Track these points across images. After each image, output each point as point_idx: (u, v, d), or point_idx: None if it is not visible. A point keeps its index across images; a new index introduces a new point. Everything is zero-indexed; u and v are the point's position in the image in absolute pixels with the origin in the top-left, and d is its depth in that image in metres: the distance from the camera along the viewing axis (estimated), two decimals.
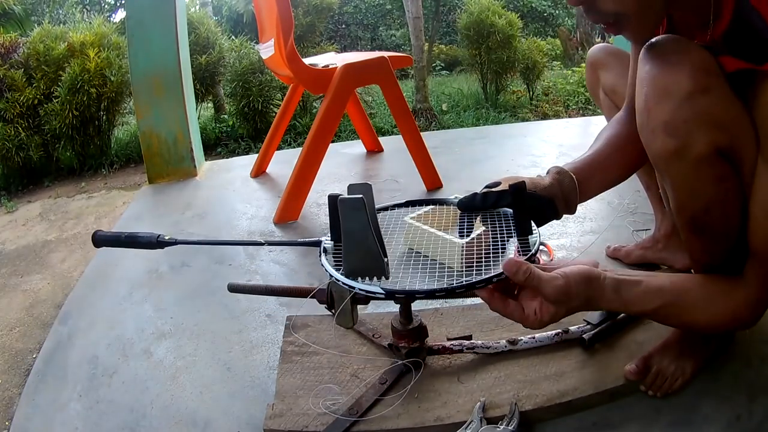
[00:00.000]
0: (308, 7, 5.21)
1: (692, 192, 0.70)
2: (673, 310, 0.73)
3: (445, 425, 0.77)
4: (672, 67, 0.66)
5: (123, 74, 3.46)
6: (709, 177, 0.68)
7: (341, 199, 0.73)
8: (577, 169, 0.89)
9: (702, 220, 0.72)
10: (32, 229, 2.42)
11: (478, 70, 5.12)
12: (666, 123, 0.66)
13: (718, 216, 0.71)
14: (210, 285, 1.34)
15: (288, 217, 1.68)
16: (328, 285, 0.79)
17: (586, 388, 0.81)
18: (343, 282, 0.73)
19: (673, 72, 0.66)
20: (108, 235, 0.89)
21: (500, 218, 0.85)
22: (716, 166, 0.67)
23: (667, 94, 0.66)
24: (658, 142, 0.68)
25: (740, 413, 0.78)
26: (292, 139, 4.25)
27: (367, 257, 0.73)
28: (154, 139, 2.20)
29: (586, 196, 0.92)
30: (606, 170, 0.92)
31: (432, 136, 2.76)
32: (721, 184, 0.68)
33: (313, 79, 1.70)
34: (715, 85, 0.65)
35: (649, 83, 0.68)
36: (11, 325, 1.49)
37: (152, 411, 0.92)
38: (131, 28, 2.12)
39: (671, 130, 0.66)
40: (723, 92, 0.66)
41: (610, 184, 0.95)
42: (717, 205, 0.70)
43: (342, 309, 0.77)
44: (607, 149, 0.92)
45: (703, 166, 0.67)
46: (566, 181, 0.87)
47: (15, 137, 3.29)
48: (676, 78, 0.65)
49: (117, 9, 8.61)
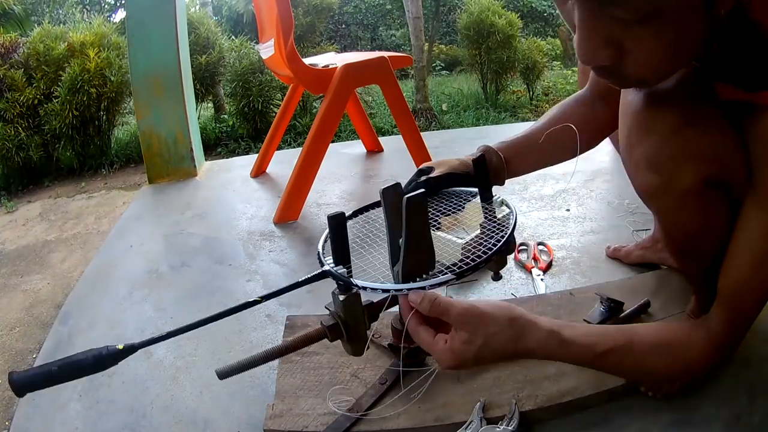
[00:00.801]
0: (308, 7, 5.21)
1: (679, 223, 0.68)
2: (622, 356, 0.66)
3: (445, 425, 0.77)
4: (657, 101, 0.63)
5: (123, 74, 3.46)
6: (697, 208, 0.65)
7: (409, 197, 0.67)
8: (506, 148, 0.90)
9: (690, 248, 0.70)
10: (32, 229, 2.42)
11: (478, 70, 5.12)
12: (649, 159, 0.64)
13: (707, 243, 0.68)
14: (210, 285, 1.34)
15: (288, 217, 1.68)
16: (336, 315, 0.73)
17: (586, 388, 0.81)
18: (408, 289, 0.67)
19: (658, 106, 0.62)
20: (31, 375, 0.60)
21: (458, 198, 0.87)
22: (705, 196, 0.64)
23: (651, 130, 0.63)
24: (640, 178, 0.66)
25: (740, 413, 0.78)
26: (292, 139, 4.25)
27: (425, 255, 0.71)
28: (154, 139, 2.20)
29: (515, 173, 0.91)
30: (537, 150, 0.89)
31: (432, 136, 2.76)
32: (710, 213, 0.65)
33: (313, 79, 1.70)
34: (706, 115, 0.62)
35: (631, 117, 0.65)
36: (11, 325, 1.49)
37: (152, 411, 0.92)
38: (131, 28, 2.12)
39: (655, 166, 0.64)
40: (714, 122, 0.62)
41: (542, 164, 0.93)
42: (706, 233, 0.67)
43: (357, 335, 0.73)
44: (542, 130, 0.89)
45: (690, 198, 0.64)
46: (494, 159, 0.88)
47: (15, 137, 3.28)
48: (661, 112, 0.62)
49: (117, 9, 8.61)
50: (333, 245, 0.74)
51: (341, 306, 0.72)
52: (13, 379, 0.58)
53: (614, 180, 1.78)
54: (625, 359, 0.66)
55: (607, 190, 1.71)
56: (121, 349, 0.65)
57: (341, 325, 0.72)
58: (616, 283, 1.11)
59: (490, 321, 0.63)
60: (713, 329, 0.67)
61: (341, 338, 0.74)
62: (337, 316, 0.73)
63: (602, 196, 1.67)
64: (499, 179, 0.90)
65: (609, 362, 0.66)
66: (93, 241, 2.12)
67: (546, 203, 1.65)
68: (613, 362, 0.66)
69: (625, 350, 0.66)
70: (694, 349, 0.67)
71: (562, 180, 1.79)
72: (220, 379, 0.70)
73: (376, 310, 0.76)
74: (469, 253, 0.74)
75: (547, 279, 1.22)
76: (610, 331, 0.68)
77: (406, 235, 0.68)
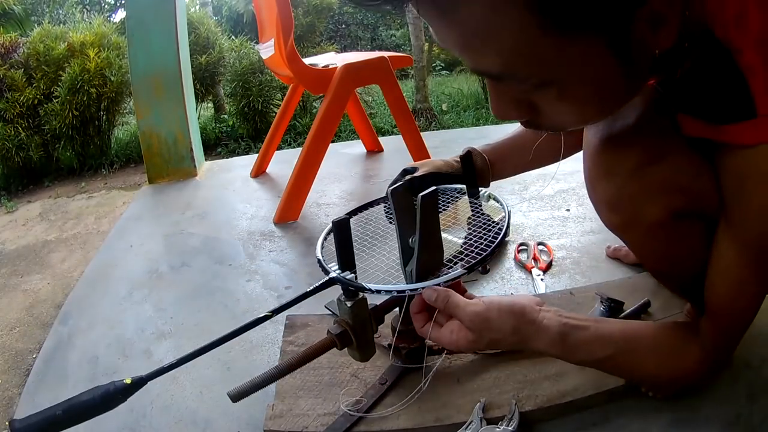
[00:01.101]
0: (308, 7, 5.21)
1: (651, 252, 0.68)
2: (621, 361, 0.69)
3: (445, 426, 0.77)
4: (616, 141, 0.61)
5: (123, 74, 3.47)
6: (667, 238, 0.64)
7: (424, 195, 0.68)
8: (491, 150, 0.91)
9: (667, 272, 0.70)
10: (32, 229, 2.42)
11: None
12: (608, 201, 0.63)
13: (682, 266, 0.68)
14: (210, 285, 1.34)
15: (288, 217, 1.68)
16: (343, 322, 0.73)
17: (586, 388, 0.81)
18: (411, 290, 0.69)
19: (617, 146, 0.61)
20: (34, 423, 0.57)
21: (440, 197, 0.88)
22: (674, 226, 0.63)
23: (610, 173, 0.62)
24: (603, 216, 0.66)
25: (740, 413, 0.78)
26: (292, 139, 4.25)
27: (437, 253, 0.72)
28: (154, 139, 2.20)
29: (500, 175, 0.93)
30: (522, 153, 0.90)
31: (432, 136, 2.76)
32: (682, 240, 0.65)
33: (313, 79, 1.70)
34: (668, 149, 0.60)
35: (590, 158, 0.64)
36: (11, 325, 1.49)
37: (152, 411, 0.92)
38: (131, 28, 2.12)
39: (615, 207, 0.63)
40: (677, 154, 0.60)
41: (528, 166, 0.94)
42: (681, 259, 0.67)
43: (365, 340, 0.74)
44: (527, 133, 0.90)
45: (658, 231, 0.63)
46: (478, 161, 0.89)
47: (15, 137, 3.29)
48: (620, 153, 0.61)
49: (117, 9, 8.61)
50: (338, 251, 0.74)
51: (349, 312, 0.71)
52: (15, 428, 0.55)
53: None
54: (623, 365, 0.71)
55: None
56: (129, 383, 0.63)
57: (350, 332, 0.72)
58: (616, 282, 1.11)
59: (495, 329, 0.66)
60: (704, 342, 0.68)
61: (350, 345, 0.73)
62: (344, 323, 0.73)
63: None
64: (483, 181, 0.91)
65: (607, 366, 0.72)
66: (93, 241, 2.12)
67: (546, 203, 1.65)
68: (611, 366, 0.71)
69: (624, 356, 0.69)
70: (688, 360, 0.69)
71: (562, 180, 1.79)
72: (234, 402, 0.68)
73: (382, 313, 0.76)
74: (471, 248, 0.74)
75: (547, 279, 1.22)
76: (613, 335, 0.69)
77: (420, 234, 0.69)
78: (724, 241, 0.61)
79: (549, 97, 0.48)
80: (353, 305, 0.71)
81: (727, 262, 0.61)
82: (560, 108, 0.49)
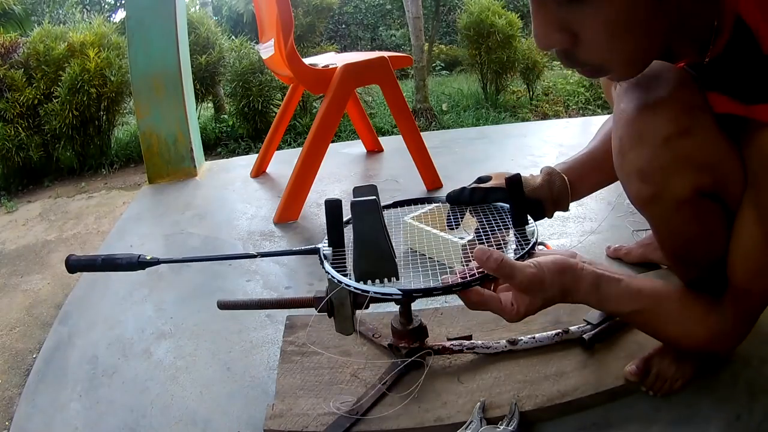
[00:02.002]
0: (308, 7, 5.21)
1: (672, 231, 0.69)
2: (647, 318, 0.72)
3: (445, 425, 0.77)
4: (650, 109, 0.62)
5: (123, 74, 3.46)
6: (690, 216, 0.65)
7: (354, 202, 0.72)
8: (569, 169, 0.89)
9: (684, 255, 0.71)
10: (32, 229, 2.42)
11: (478, 70, 5.11)
12: (640, 170, 0.63)
13: (701, 249, 0.69)
14: (210, 285, 1.34)
15: (288, 217, 1.68)
16: (327, 292, 0.77)
17: (586, 388, 0.81)
18: (355, 287, 0.71)
19: (651, 115, 0.62)
20: (83, 260, 0.82)
21: (492, 213, 0.86)
22: (698, 205, 0.64)
23: (643, 140, 0.62)
24: (632, 187, 0.66)
25: (740, 413, 0.78)
26: (292, 139, 4.25)
27: (380, 259, 0.72)
28: (154, 139, 2.20)
29: (579, 195, 0.91)
30: (601, 169, 0.89)
31: (432, 136, 2.76)
32: (703, 220, 0.65)
33: (313, 79, 1.70)
34: (699, 124, 0.61)
35: (624, 126, 0.64)
36: (11, 325, 1.49)
37: (152, 411, 0.92)
38: (131, 28, 2.12)
39: (646, 177, 0.63)
40: (707, 131, 0.61)
41: (605, 182, 0.93)
42: (700, 241, 0.68)
43: (343, 315, 0.76)
44: (603, 147, 0.89)
45: (682, 208, 0.64)
46: (557, 183, 0.87)
47: (15, 137, 3.29)
48: (653, 122, 0.61)
49: (117, 9, 8.61)
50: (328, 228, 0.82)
51: (329, 285, 0.77)
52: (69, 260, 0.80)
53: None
54: (648, 323, 0.73)
55: (607, 190, 1.69)
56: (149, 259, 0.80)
57: (329, 302, 0.77)
58: None
59: (548, 286, 0.68)
60: (725, 316, 0.69)
61: (328, 313, 0.79)
62: (327, 292, 0.78)
63: (602, 196, 1.67)
64: (561, 206, 0.88)
65: (635, 321, 0.74)
66: (93, 241, 2.12)
67: None
68: (638, 322, 0.74)
69: (649, 315, 0.71)
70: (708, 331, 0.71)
71: None
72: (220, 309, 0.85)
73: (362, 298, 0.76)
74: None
75: None
76: (642, 292, 0.71)
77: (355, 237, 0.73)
78: (749, 220, 0.62)
79: (587, 17, 0.52)
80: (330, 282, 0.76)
81: (751, 241, 0.62)
82: (595, 30, 0.53)
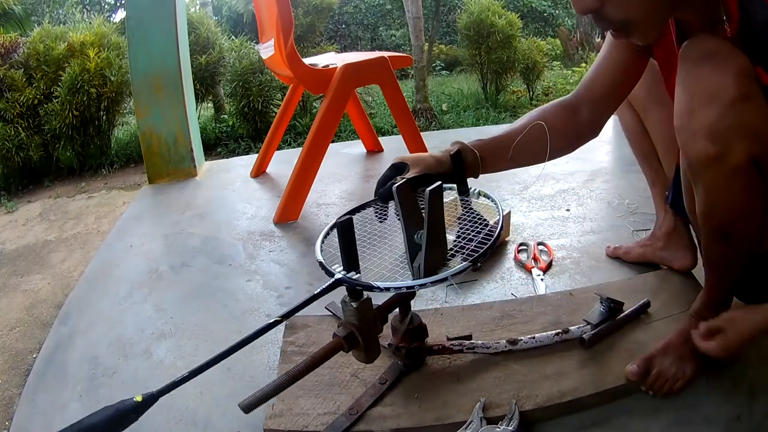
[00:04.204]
0: (308, 7, 5.20)
1: (724, 200, 0.70)
2: None
3: (445, 425, 0.77)
4: (719, 69, 0.65)
5: (123, 74, 3.46)
6: (741, 187, 0.67)
7: (432, 190, 0.70)
8: (481, 146, 0.91)
9: (728, 228, 0.71)
10: (32, 229, 2.42)
11: (478, 70, 5.11)
12: (710, 128, 0.65)
13: (744, 226, 0.70)
14: (210, 285, 1.34)
15: (288, 217, 1.68)
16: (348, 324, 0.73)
17: (586, 388, 0.81)
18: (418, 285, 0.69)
19: (720, 75, 0.65)
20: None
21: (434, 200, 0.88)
22: (749, 176, 0.66)
23: (715, 98, 0.65)
24: (698, 145, 0.67)
25: (740, 413, 0.78)
26: (292, 139, 4.25)
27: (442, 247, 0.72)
28: (154, 139, 2.20)
29: (490, 170, 0.93)
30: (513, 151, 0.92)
31: (432, 136, 2.76)
32: (751, 194, 0.68)
33: (313, 79, 1.70)
34: (755, 93, 0.64)
35: (696, 83, 0.67)
36: (11, 325, 1.48)
37: (152, 411, 0.91)
38: (131, 28, 2.12)
39: (714, 136, 0.65)
40: (761, 101, 0.64)
41: (517, 164, 0.96)
42: (745, 215, 0.69)
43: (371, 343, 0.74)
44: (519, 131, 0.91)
45: (737, 175, 0.66)
46: (468, 157, 0.90)
47: (15, 137, 3.28)
48: (724, 82, 0.64)
49: (117, 9, 8.60)
50: (343, 251, 0.73)
51: (355, 313, 0.71)
52: None
53: (614, 180, 1.78)
54: None
55: (607, 190, 1.71)
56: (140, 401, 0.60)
57: (357, 334, 0.71)
58: (616, 283, 1.11)
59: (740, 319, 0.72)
60: None
61: (357, 347, 0.73)
62: (350, 325, 0.72)
63: (602, 196, 1.67)
64: (473, 174, 0.92)
65: None
66: (93, 241, 2.12)
67: (546, 203, 1.65)
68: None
69: None
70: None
71: (562, 180, 1.79)
72: (246, 413, 0.67)
73: (385, 312, 0.76)
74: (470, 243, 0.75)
75: (547, 279, 1.22)
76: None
77: (429, 228, 0.69)
78: None
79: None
80: (359, 306, 0.71)
81: None
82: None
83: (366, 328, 0.72)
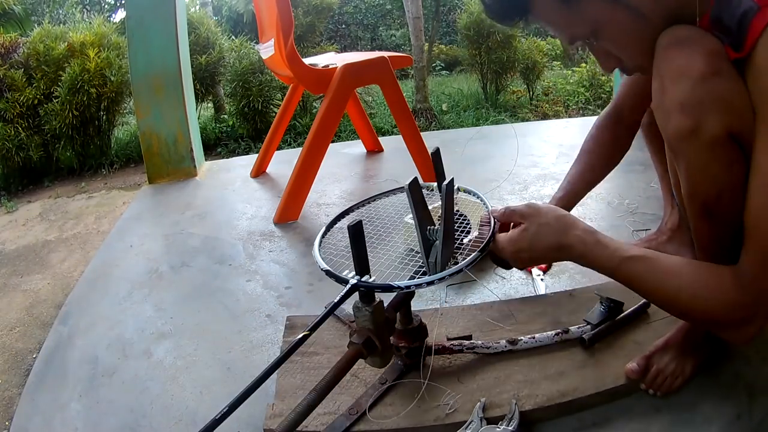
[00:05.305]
0: (308, 7, 5.20)
1: (705, 175, 0.70)
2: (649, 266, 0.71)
3: (445, 425, 0.77)
4: (687, 50, 0.68)
5: (123, 74, 3.45)
6: (721, 160, 0.68)
7: (447, 184, 0.74)
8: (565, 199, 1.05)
9: (713, 204, 0.71)
10: (32, 229, 2.42)
11: (478, 70, 5.11)
12: (681, 103, 0.67)
13: (728, 201, 0.70)
14: (210, 285, 1.34)
15: (288, 217, 1.68)
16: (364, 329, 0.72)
17: (586, 388, 0.81)
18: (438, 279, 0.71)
19: (688, 54, 0.67)
20: None
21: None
22: (728, 149, 0.67)
23: (683, 75, 0.67)
24: (673, 121, 0.69)
25: (740, 413, 0.78)
26: (292, 139, 4.25)
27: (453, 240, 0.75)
28: (154, 139, 2.20)
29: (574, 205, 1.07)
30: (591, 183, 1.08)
31: (432, 136, 2.76)
32: (732, 168, 0.68)
33: (313, 79, 1.70)
34: (726, 69, 0.66)
35: (665, 64, 0.70)
36: (11, 325, 1.48)
37: (152, 411, 0.92)
38: (131, 28, 2.12)
39: (687, 109, 0.67)
40: (733, 76, 0.66)
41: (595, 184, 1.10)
42: (728, 190, 0.69)
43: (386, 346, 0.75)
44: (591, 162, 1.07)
45: (716, 148, 0.67)
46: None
47: (15, 137, 3.28)
48: (691, 60, 0.67)
49: (117, 9, 8.60)
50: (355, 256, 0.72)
51: (370, 318, 0.70)
52: None
53: (614, 180, 1.78)
54: (648, 270, 0.72)
55: (607, 190, 1.71)
56: None
57: (374, 338, 0.70)
58: (616, 283, 1.11)
59: (543, 214, 0.75)
60: (741, 268, 0.68)
61: (375, 352, 0.71)
62: (366, 330, 0.71)
63: (602, 196, 1.67)
64: None
65: (634, 270, 0.72)
66: (93, 241, 2.11)
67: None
68: (638, 270, 0.72)
69: (651, 261, 0.71)
70: (720, 283, 0.68)
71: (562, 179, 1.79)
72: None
73: (394, 313, 0.77)
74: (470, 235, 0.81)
75: (547, 279, 1.22)
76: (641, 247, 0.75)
77: (445, 221, 0.71)
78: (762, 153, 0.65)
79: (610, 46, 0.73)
80: (373, 310, 0.70)
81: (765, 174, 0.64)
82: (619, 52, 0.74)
83: (380, 331, 0.71)
